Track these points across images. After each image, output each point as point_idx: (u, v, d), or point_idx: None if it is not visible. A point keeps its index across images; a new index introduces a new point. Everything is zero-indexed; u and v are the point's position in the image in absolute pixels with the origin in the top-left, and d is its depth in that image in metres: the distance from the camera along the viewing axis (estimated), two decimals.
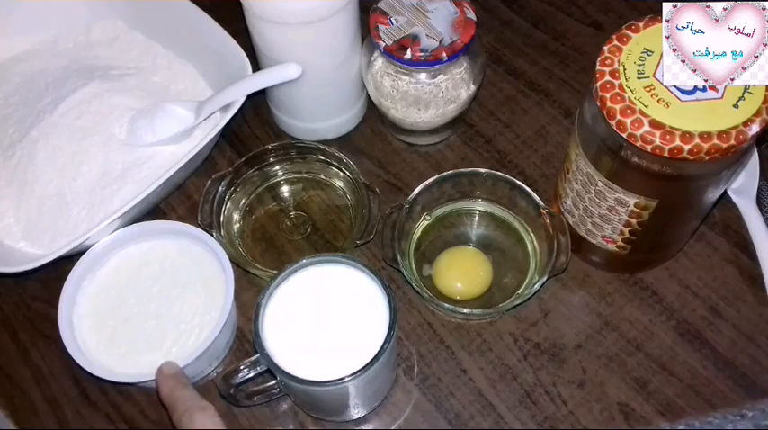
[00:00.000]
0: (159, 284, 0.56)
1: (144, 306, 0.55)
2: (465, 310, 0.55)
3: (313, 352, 0.47)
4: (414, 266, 0.58)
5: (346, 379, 0.44)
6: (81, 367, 0.52)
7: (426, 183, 0.58)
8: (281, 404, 0.55)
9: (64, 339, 0.52)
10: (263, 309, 0.47)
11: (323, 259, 0.49)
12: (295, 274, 0.49)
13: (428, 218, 0.61)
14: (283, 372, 0.45)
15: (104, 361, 0.53)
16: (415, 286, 0.55)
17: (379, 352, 0.45)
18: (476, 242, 0.61)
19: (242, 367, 0.47)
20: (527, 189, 0.57)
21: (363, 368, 0.44)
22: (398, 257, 0.55)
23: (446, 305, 0.55)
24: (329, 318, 0.48)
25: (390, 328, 0.46)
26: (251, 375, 0.47)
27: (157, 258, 0.57)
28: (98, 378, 0.52)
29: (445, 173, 0.59)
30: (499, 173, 0.59)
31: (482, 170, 0.59)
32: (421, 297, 0.56)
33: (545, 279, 0.54)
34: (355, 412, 0.53)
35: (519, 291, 0.56)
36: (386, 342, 0.45)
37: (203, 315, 0.54)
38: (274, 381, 0.51)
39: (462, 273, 0.58)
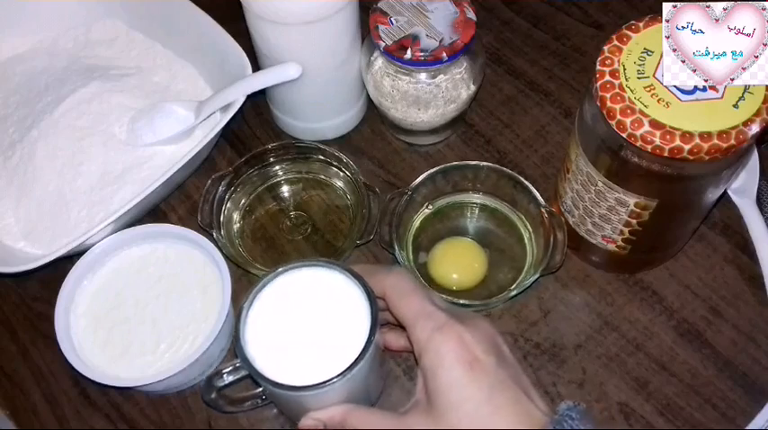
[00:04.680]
0: (158, 288, 0.55)
1: (141, 309, 0.54)
2: (462, 301, 0.55)
3: (295, 357, 0.45)
4: (411, 254, 0.58)
5: (329, 382, 0.43)
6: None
7: (430, 171, 0.59)
8: (273, 408, 0.54)
9: (59, 337, 0.52)
10: (245, 312, 0.46)
11: (303, 264, 0.47)
12: (277, 279, 0.47)
13: (430, 207, 0.61)
14: (262, 377, 0.44)
15: (98, 361, 0.53)
16: None
17: (356, 360, 0.43)
18: (473, 235, 0.61)
19: (223, 372, 0.46)
20: (529, 186, 0.58)
21: (341, 373, 0.43)
22: (395, 243, 0.55)
23: (441, 296, 0.54)
24: (311, 323, 0.46)
25: (371, 333, 0.44)
26: (231, 379, 0.47)
27: (158, 261, 0.56)
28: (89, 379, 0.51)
29: (449, 164, 0.60)
30: (504, 168, 0.59)
31: (486, 164, 0.60)
32: None
33: (537, 275, 0.54)
34: None
35: (512, 286, 0.56)
36: (365, 348, 0.44)
37: (199, 322, 0.54)
38: (260, 388, 0.50)
39: (457, 263, 0.58)
